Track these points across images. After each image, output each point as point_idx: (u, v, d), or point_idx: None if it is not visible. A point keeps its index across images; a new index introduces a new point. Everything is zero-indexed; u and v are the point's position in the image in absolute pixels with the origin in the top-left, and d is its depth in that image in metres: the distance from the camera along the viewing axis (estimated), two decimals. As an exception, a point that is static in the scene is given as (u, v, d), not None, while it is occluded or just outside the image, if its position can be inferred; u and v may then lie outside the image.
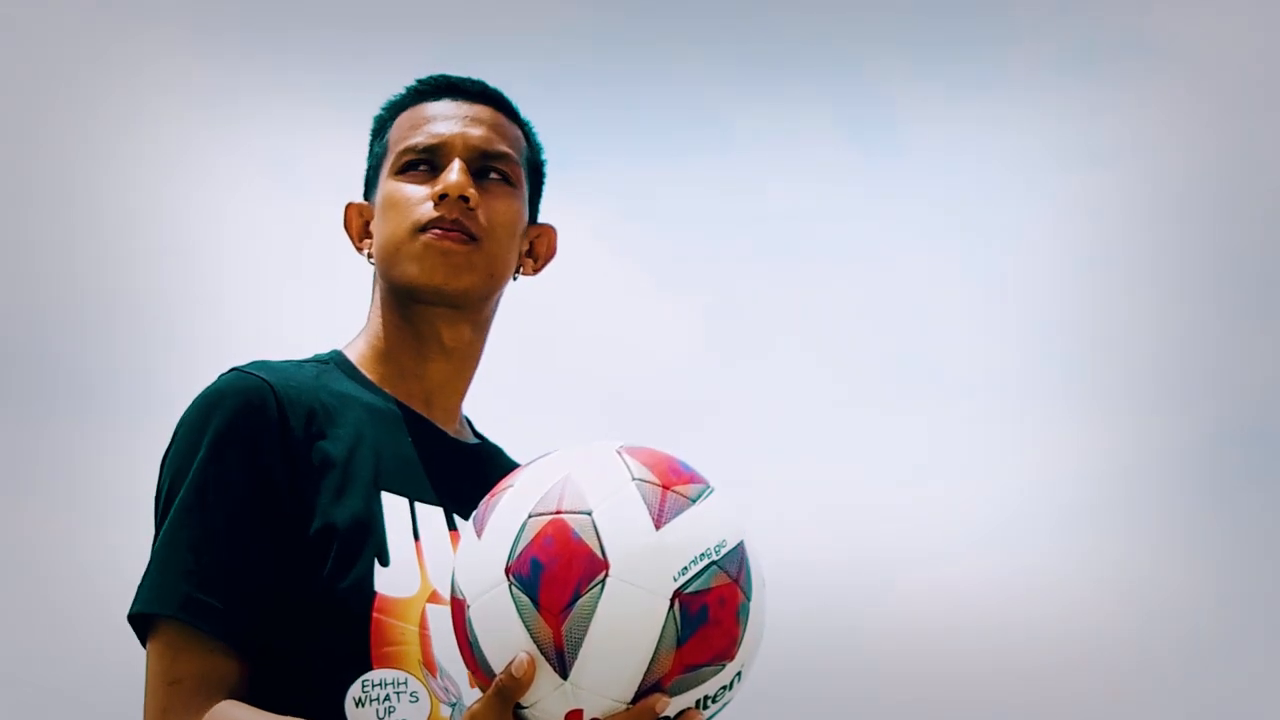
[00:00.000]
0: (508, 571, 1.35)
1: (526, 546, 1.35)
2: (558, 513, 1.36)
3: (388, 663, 1.53)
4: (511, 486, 1.42)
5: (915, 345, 6.94)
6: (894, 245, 7.04)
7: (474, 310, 1.72)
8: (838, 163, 6.85)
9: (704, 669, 1.36)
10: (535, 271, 1.82)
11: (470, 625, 1.37)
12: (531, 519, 1.36)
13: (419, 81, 1.80)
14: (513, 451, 1.83)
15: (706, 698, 1.38)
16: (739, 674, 1.40)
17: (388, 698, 1.52)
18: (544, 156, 1.85)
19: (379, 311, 1.74)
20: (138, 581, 1.56)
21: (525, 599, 1.33)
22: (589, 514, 1.35)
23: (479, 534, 1.40)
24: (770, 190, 7.00)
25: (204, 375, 1.67)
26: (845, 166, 6.85)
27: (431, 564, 1.58)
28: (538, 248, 1.81)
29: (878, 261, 7.00)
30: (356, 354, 1.74)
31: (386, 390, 1.71)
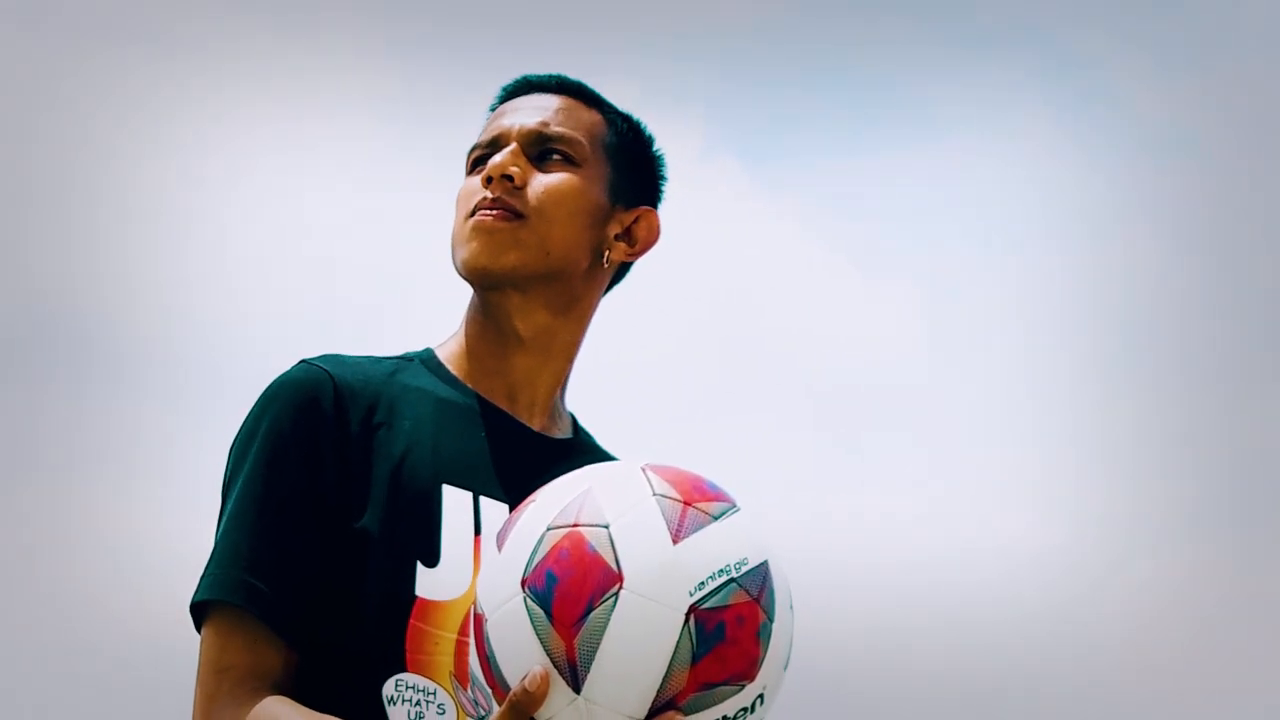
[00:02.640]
0: (524, 584, 1.34)
1: (543, 559, 1.33)
2: (575, 525, 1.34)
3: (420, 670, 1.54)
4: (534, 501, 1.41)
5: (1131, 330, 6.69)
6: (1110, 228, 6.80)
7: (541, 293, 1.71)
8: (1046, 145, 6.65)
9: (721, 688, 1.33)
10: (631, 256, 1.79)
11: (488, 639, 1.36)
12: (549, 531, 1.35)
13: (503, 88, 1.83)
14: (714, 454, 1.79)
15: (725, 718, 1.35)
16: (761, 696, 1.36)
17: (418, 702, 1.53)
18: (653, 150, 1.83)
19: (467, 310, 1.76)
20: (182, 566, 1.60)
21: (540, 611, 1.32)
22: (606, 527, 1.33)
23: (500, 547, 1.39)
24: (978, 177, 6.83)
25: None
26: (1053, 149, 6.64)
27: None
28: (636, 231, 1.78)
29: (1092, 246, 6.76)
30: (446, 352, 1.76)
31: (469, 386, 1.71)
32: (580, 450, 1.76)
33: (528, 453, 1.69)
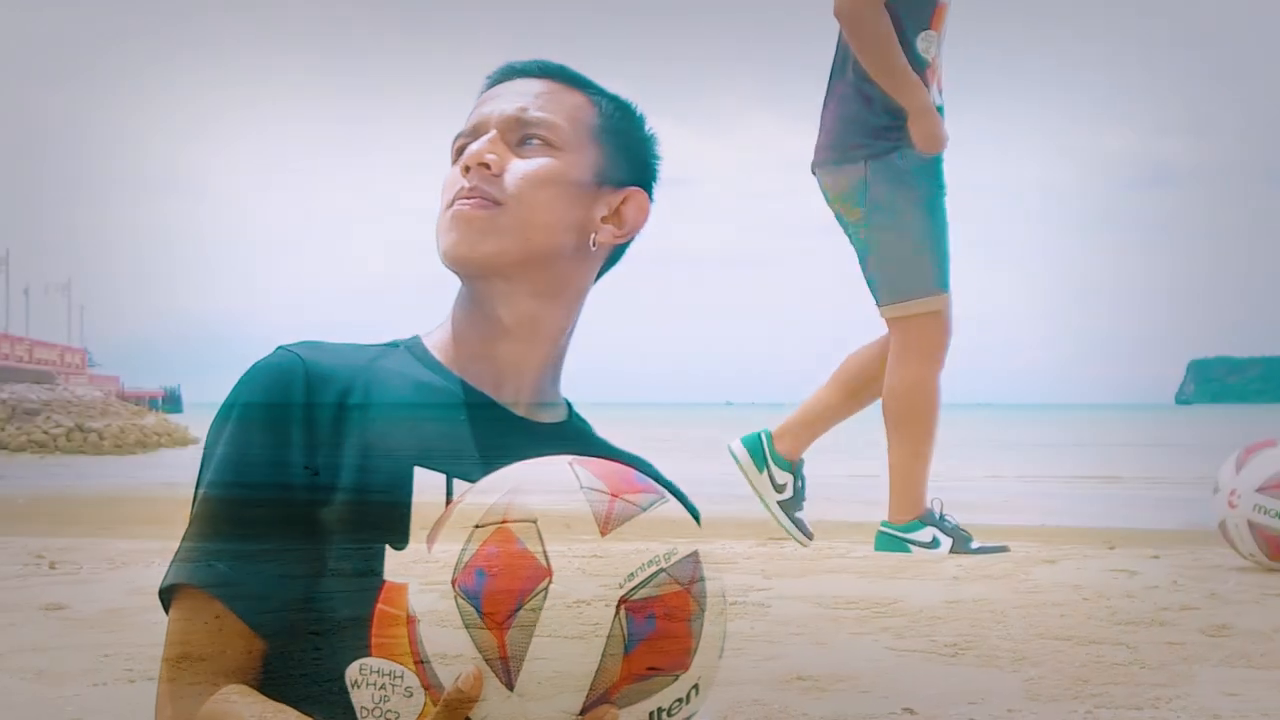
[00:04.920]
0: (454, 583, 1.33)
1: (472, 557, 1.33)
2: (503, 522, 1.34)
3: (385, 653, 1.52)
4: (463, 500, 1.41)
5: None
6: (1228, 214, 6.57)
7: (526, 279, 1.69)
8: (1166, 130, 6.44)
9: (655, 679, 1.32)
10: (620, 238, 1.77)
11: (420, 640, 1.36)
12: (478, 530, 1.34)
13: (488, 76, 1.81)
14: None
15: (660, 710, 1.34)
16: (695, 686, 1.35)
17: (383, 685, 1.50)
18: (644, 131, 1.80)
19: (456, 299, 1.76)
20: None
21: (470, 610, 1.32)
22: (534, 522, 1.33)
23: (429, 548, 1.39)
24: (1092, 162, 6.66)
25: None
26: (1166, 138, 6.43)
27: None
28: (624, 212, 1.76)
29: (1212, 231, 6.55)
30: (433, 340, 1.76)
31: (454, 372, 1.72)
32: (569, 436, 1.74)
33: (510, 437, 1.68)
